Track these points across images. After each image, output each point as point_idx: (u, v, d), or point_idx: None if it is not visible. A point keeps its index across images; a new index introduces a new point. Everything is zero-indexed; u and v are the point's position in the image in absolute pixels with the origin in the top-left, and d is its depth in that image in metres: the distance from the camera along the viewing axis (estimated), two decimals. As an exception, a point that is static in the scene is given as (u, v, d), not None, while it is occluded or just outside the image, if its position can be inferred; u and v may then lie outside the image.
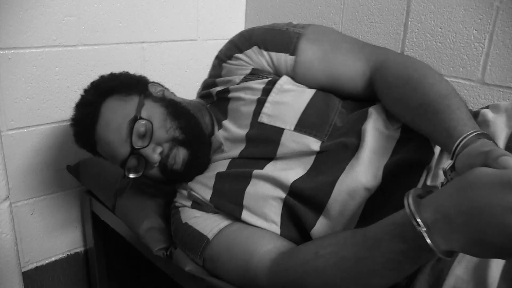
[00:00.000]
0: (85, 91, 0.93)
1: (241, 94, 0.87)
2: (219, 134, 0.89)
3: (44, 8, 1.10)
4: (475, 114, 0.76)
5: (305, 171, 0.77)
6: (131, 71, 1.22)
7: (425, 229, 0.48)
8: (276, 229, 0.78)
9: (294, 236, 0.77)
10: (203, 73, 1.46)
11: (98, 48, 1.22)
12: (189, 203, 0.88)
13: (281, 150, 0.80)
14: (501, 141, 0.68)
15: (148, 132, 0.83)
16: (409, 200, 0.50)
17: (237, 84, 0.89)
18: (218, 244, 0.79)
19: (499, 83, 1.00)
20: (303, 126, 0.80)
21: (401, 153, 0.73)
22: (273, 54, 0.88)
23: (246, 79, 0.89)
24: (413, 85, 0.73)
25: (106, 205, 1.12)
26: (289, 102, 0.83)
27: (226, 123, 0.89)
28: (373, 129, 0.76)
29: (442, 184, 0.57)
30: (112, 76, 0.94)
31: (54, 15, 1.12)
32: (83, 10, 1.17)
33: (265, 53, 0.89)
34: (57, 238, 1.30)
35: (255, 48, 0.89)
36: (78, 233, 1.35)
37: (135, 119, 0.83)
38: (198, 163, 0.88)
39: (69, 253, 1.34)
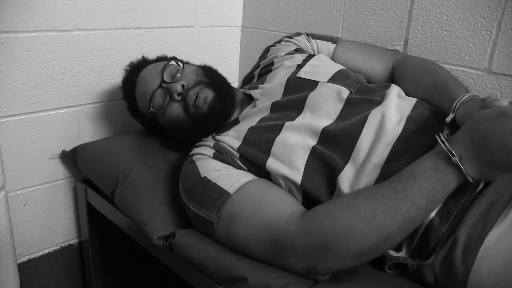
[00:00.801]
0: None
1: (284, 62, 1.02)
2: (256, 92, 0.99)
3: (39, -10, 1.05)
4: None
5: (333, 120, 0.84)
6: (127, 57, 1.28)
7: (458, 158, 0.63)
8: (298, 176, 0.80)
9: (314, 186, 0.79)
10: (201, 60, 1.44)
11: (94, 33, 1.18)
12: (211, 153, 0.88)
13: (312, 95, 0.89)
14: None
15: (178, 74, 0.96)
16: (443, 138, 0.65)
17: (282, 56, 1.06)
18: (241, 199, 0.78)
19: (507, 72, 0.99)
20: (335, 79, 0.93)
21: (421, 108, 0.83)
22: (319, 41, 1.11)
23: (290, 52, 1.06)
24: (428, 71, 0.94)
25: (104, 192, 1.09)
26: (325, 65, 0.99)
27: (263, 85, 0.99)
28: (394, 93, 0.87)
29: (447, 134, 0.69)
30: None
31: (49, -2, 1.07)
32: (79, -7, 1.13)
33: (312, 40, 1.10)
34: (50, 230, 1.27)
35: (304, 35, 1.12)
36: (72, 224, 1.31)
37: (170, 60, 1.00)
38: (222, 105, 0.95)
39: (63, 245, 1.31)
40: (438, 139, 0.66)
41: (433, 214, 0.70)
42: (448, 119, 0.72)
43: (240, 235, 0.76)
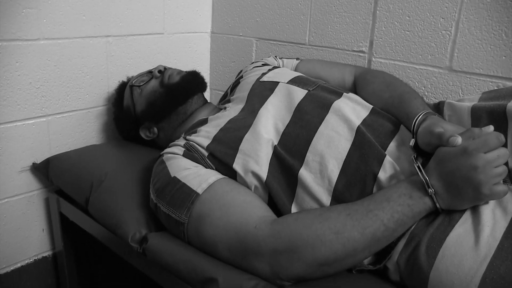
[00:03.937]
0: None
1: (250, 74, 1.09)
2: (227, 105, 1.04)
3: (1, -1, 1.04)
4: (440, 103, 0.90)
5: (290, 117, 0.89)
6: (96, 66, 1.24)
7: (433, 190, 0.68)
8: (264, 172, 0.83)
9: (277, 184, 0.83)
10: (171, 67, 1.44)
11: (62, 42, 1.17)
12: (181, 151, 0.90)
13: (273, 96, 0.95)
14: (466, 115, 0.81)
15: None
16: (420, 165, 0.71)
17: (250, 69, 1.14)
18: (210, 200, 0.79)
19: (466, 69, 1.03)
20: (294, 82, 0.98)
21: (377, 111, 0.89)
22: (285, 60, 1.21)
23: (258, 66, 1.15)
24: (387, 84, 0.97)
25: (78, 201, 1.08)
26: (286, 72, 1.06)
27: (232, 97, 1.05)
28: (352, 96, 0.93)
29: (414, 157, 0.73)
30: None
31: (12, 7, 1.06)
32: (44, 2, 1.11)
33: (279, 59, 1.20)
34: (22, 243, 1.24)
35: (272, 56, 1.23)
36: (46, 236, 1.29)
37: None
38: (193, 78, 1.11)
39: (36, 258, 1.29)
40: (416, 167, 0.71)
41: None
42: (411, 144, 0.76)
43: (209, 236, 0.77)
